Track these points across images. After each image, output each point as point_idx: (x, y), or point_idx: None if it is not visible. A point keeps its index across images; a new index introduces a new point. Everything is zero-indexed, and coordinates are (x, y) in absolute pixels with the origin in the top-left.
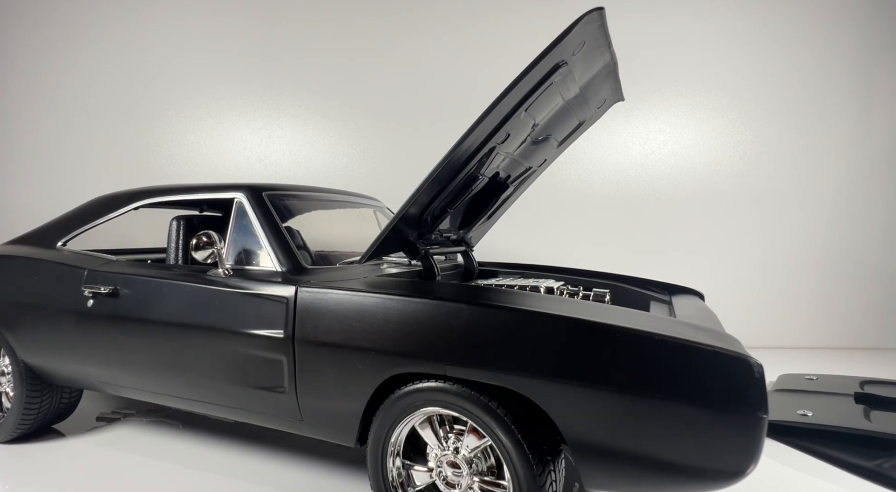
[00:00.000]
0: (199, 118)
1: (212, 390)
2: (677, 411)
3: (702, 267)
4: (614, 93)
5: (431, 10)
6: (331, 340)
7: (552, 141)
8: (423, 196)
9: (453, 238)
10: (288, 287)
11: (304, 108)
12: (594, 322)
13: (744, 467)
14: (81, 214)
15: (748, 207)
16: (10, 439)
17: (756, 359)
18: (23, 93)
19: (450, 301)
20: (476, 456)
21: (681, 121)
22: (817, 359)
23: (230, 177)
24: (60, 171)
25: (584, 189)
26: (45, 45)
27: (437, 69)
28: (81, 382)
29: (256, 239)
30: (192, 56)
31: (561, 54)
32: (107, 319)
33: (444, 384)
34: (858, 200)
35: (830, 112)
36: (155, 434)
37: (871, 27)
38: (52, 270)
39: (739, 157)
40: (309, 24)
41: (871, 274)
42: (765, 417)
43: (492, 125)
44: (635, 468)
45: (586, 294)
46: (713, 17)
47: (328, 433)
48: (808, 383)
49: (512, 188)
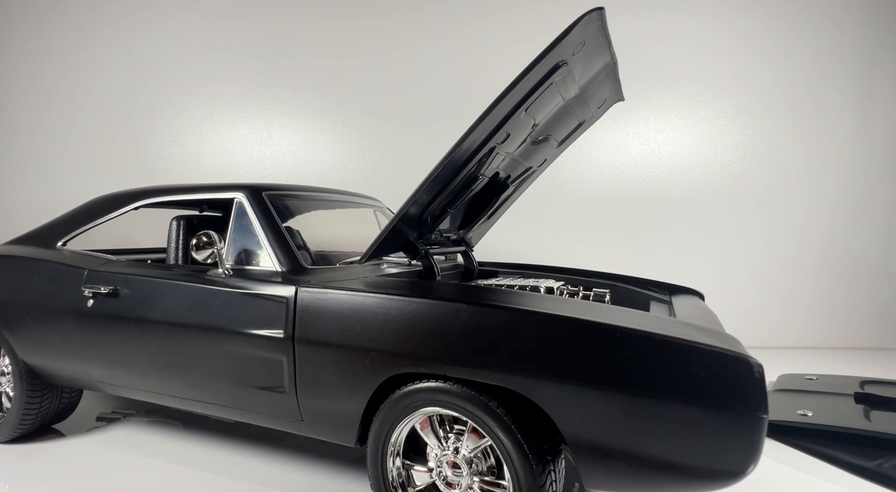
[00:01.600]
0: (199, 118)
1: (212, 390)
2: (677, 410)
3: (702, 267)
4: (614, 93)
5: (432, 10)
6: (331, 340)
7: (552, 141)
8: (423, 196)
9: (453, 238)
10: (288, 287)
11: (304, 108)
12: (594, 322)
13: (744, 467)
14: (81, 214)
15: (748, 206)
16: (10, 439)
17: (756, 359)
18: (23, 93)
19: (449, 301)
20: (476, 456)
21: (681, 121)
22: (817, 359)
23: (230, 177)
24: (60, 171)
25: (584, 189)
26: (44, 44)
27: (438, 69)
28: (81, 382)
29: (256, 239)
30: (192, 56)
31: (561, 54)
32: (107, 319)
33: (444, 384)
34: (858, 200)
35: (830, 112)
36: (155, 434)
37: (872, 27)
38: (52, 270)
39: (739, 157)
40: (309, 25)
41: (870, 274)
42: (765, 417)
43: (492, 125)
44: (635, 468)
45: (586, 294)
46: (713, 17)
47: (328, 433)
48: (807, 383)
49: (512, 188)
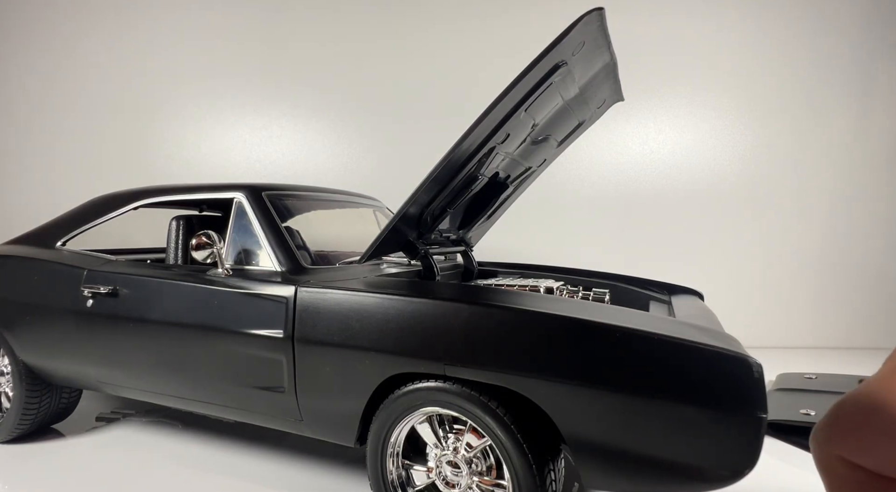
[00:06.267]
0: (198, 118)
1: (211, 389)
2: (677, 410)
3: (702, 267)
4: (614, 93)
5: (432, 10)
6: (330, 340)
7: (552, 141)
8: (423, 196)
9: (453, 238)
10: (287, 287)
11: (304, 108)
12: (594, 322)
13: (743, 467)
14: (81, 214)
15: (748, 206)
16: (9, 439)
17: (755, 359)
18: (21, 92)
19: (449, 301)
20: (475, 456)
21: (680, 121)
22: (816, 359)
23: (230, 177)
24: (59, 171)
25: (583, 189)
26: (43, 43)
27: (437, 69)
28: (81, 382)
29: (256, 239)
30: (192, 56)
31: (561, 54)
32: (106, 319)
33: (444, 384)
34: (858, 200)
35: (830, 112)
36: (154, 434)
37: (871, 28)
38: (51, 270)
39: (739, 157)
40: (309, 25)
41: (870, 274)
42: (764, 416)
43: (492, 125)
44: (635, 468)
45: (586, 294)
46: (713, 18)
47: (328, 433)
48: (807, 382)
49: (512, 188)
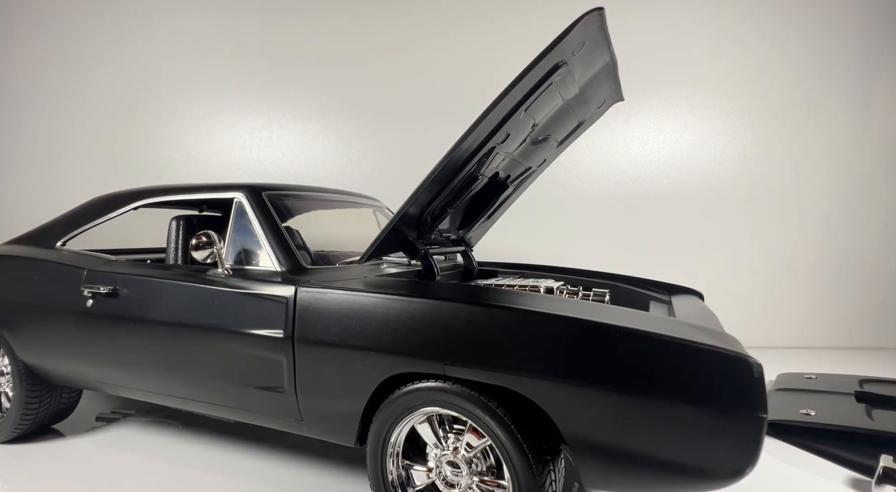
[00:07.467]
0: (199, 118)
1: (211, 389)
2: (677, 410)
3: (702, 267)
4: (614, 93)
5: (431, 10)
6: (330, 340)
7: (552, 141)
8: (423, 196)
9: (453, 238)
10: (287, 287)
11: (304, 108)
12: (594, 322)
13: (743, 467)
14: (81, 214)
15: (748, 206)
16: (9, 439)
17: (755, 359)
18: (22, 93)
19: (449, 301)
20: (476, 456)
21: (680, 121)
22: (816, 359)
23: (230, 177)
24: (60, 171)
25: (583, 189)
26: (44, 44)
27: (437, 69)
28: (81, 382)
29: (256, 239)
30: (192, 56)
31: (561, 54)
32: (106, 318)
33: (444, 384)
34: (857, 200)
35: (830, 111)
36: (155, 434)
37: (871, 28)
38: (51, 270)
39: (739, 156)
40: (309, 25)
41: (869, 274)
42: (764, 416)
43: (491, 125)
44: (635, 468)
45: (586, 294)
46: (713, 18)
47: (328, 433)
48: (807, 382)
49: (512, 188)
